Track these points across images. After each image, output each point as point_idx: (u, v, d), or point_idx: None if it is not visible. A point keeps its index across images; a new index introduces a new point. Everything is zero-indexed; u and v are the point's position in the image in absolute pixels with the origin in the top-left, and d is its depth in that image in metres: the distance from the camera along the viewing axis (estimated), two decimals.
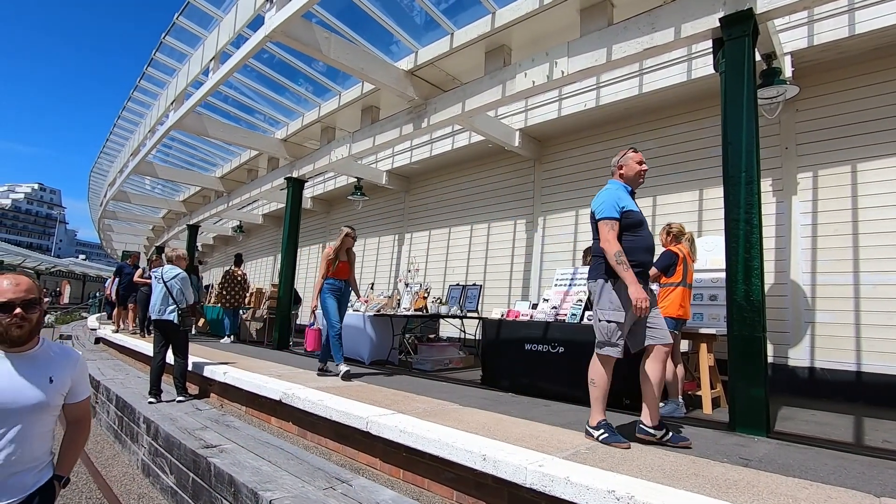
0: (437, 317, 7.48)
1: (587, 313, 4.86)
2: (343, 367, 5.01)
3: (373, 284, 10.25)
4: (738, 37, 3.68)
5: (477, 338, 7.47)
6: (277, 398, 4.16)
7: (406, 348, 7.51)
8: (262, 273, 16.46)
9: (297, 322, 11.01)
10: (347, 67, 5.67)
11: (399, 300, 7.75)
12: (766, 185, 5.48)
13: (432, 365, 6.64)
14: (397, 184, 10.51)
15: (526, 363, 4.98)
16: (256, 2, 5.26)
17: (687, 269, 4.15)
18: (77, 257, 68.85)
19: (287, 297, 8.66)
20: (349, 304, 8.31)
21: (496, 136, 7.37)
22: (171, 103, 8.04)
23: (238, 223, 16.19)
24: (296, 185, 9.09)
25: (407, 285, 7.55)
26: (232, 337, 9.22)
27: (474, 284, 7.95)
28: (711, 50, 4.14)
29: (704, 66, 5.66)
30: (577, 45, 4.78)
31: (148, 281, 8.14)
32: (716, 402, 4.48)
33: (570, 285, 5.31)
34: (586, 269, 5.28)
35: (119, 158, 13.30)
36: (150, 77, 8.86)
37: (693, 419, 3.89)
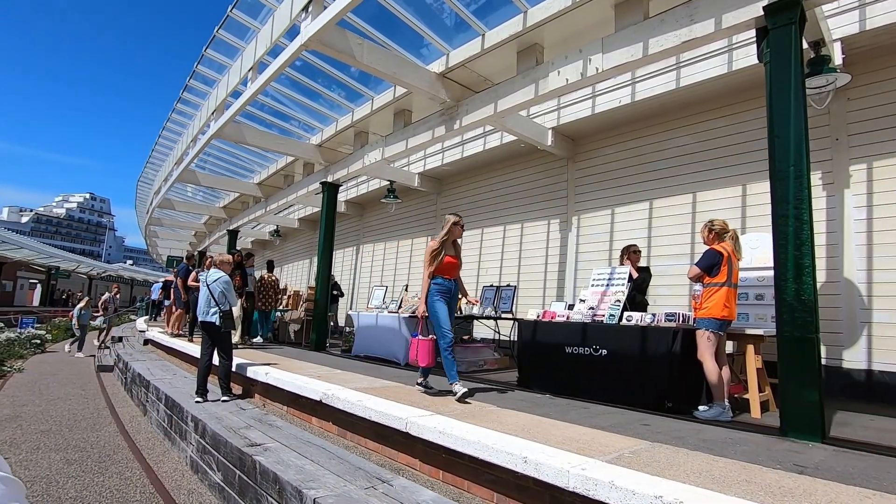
0: (472, 318, 7.47)
1: (626, 314, 4.77)
2: (460, 388, 4.09)
3: (407, 286, 10.32)
4: (784, 25, 3.53)
5: (511, 339, 7.43)
6: (318, 398, 4.25)
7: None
8: (298, 276, 16.85)
9: (332, 324, 11.22)
10: (380, 72, 5.75)
11: None
12: (815, 178, 5.23)
13: (467, 366, 6.63)
14: (429, 186, 10.57)
15: (563, 365, 4.91)
16: (292, 12, 5.40)
17: (732, 269, 4.00)
18: (125, 262, 72.25)
19: (324, 299, 8.83)
20: (384, 306, 8.42)
21: (528, 135, 7.31)
22: (212, 113, 8.34)
23: (275, 227, 16.63)
24: (331, 190, 9.27)
25: None
26: (262, 338, 9.47)
27: (508, 285, 7.90)
28: (755, 39, 3.98)
29: (746, 57, 5.45)
30: (612, 41, 4.69)
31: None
32: (764, 406, 4.30)
33: (607, 285, 5.22)
34: (624, 269, 5.20)
35: (164, 167, 13.89)
36: (192, 89, 9.22)
37: (740, 423, 3.74)
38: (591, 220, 7.67)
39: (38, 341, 13.91)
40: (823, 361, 4.90)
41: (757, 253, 4.99)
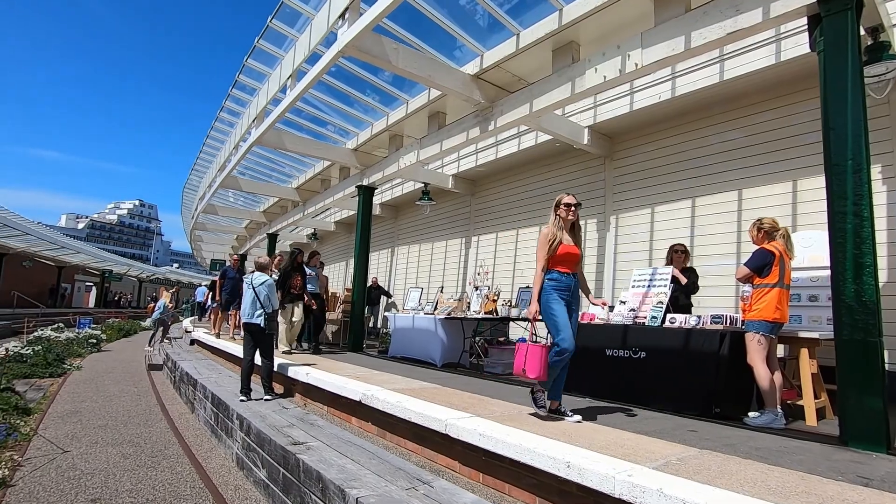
0: (508, 320, 7.42)
1: (668, 316, 4.63)
2: (571, 415, 3.54)
3: (442, 288, 10.36)
4: (839, 11, 3.34)
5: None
6: (357, 399, 4.31)
7: (477, 351, 7.51)
8: (335, 278, 17.17)
9: (369, 325, 11.38)
10: (416, 76, 5.80)
11: (469, 303, 7.77)
12: (875, 172, 4.92)
13: (503, 368, 6.59)
14: (463, 187, 10.57)
15: (603, 368, 4.81)
16: (329, 19, 5.52)
17: (784, 269, 3.82)
18: (172, 266, 75.55)
19: (361, 301, 8.96)
20: (420, 308, 8.47)
21: (564, 134, 7.21)
22: (253, 121, 8.62)
23: (312, 230, 17.02)
24: (366, 193, 9.41)
25: (476, 288, 7.55)
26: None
27: None
28: (806, 28, 3.79)
29: (796, 47, 5.20)
30: (652, 35, 4.56)
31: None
32: (820, 414, 4.09)
33: (648, 286, 5.07)
34: (667, 269, 5.04)
35: (207, 174, 14.44)
36: (234, 98, 9.55)
37: (795, 431, 3.57)
38: (630, 219, 7.48)
39: (94, 341, 14.69)
40: (887, 367, 4.59)
41: (810, 252, 4.75)
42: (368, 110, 8.95)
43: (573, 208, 3.66)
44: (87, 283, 45.30)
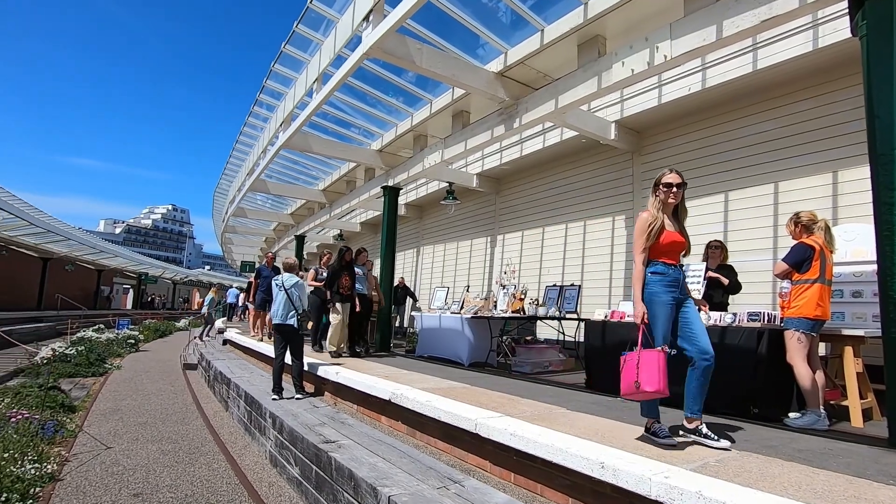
0: (535, 318, 7.36)
1: (702, 314, 4.49)
2: (716, 439, 2.80)
3: (468, 287, 10.35)
4: None
5: (577, 340, 7.25)
6: (387, 398, 4.34)
7: (504, 350, 7.48)
8: None
9: (396, 324, 11.45)
10: (439, 75, 5.80)
11: (495, 302, 7.74)
12: None
13: (531, 367, 6.54)
14: (488, 186, 10.53)
15: None
16: (354, 22, 5.57)
17: (825, 264, 3.67)
18: (204, 268, 77.72)
19: (387, 300, 9.03)
20: (446, 307, 8.47)
21: (590, 130, 7.10)
22: (281, 125, 8.78)
23: (339, 232, 17.24)
24: (391, 194, 9.47)
25: (503, 287, 7.52)
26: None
27: (572, 285, 7.71)
28: (846, 12, 3.62)
29: (834, 32, 5.00)
30: (682, 26, 4.45)
31: (319, 284, 7.44)
32: (867, 415, 3.91)
33: None
34: (700, 266, 4.90)
35: (237, 178, 14.79)
36: (261, 103, 9.76)
37: (840, 433, 3.42)
38: None
39: (133, 341, 15.23)
40: None
41: (853, 245, 4.55)
42: (392, 111, 9.01)
43: (675, 189, 3.02)
44: (125, 286, 47.01)
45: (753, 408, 3.87)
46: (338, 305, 6.96)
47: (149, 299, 47.58)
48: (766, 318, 4.12)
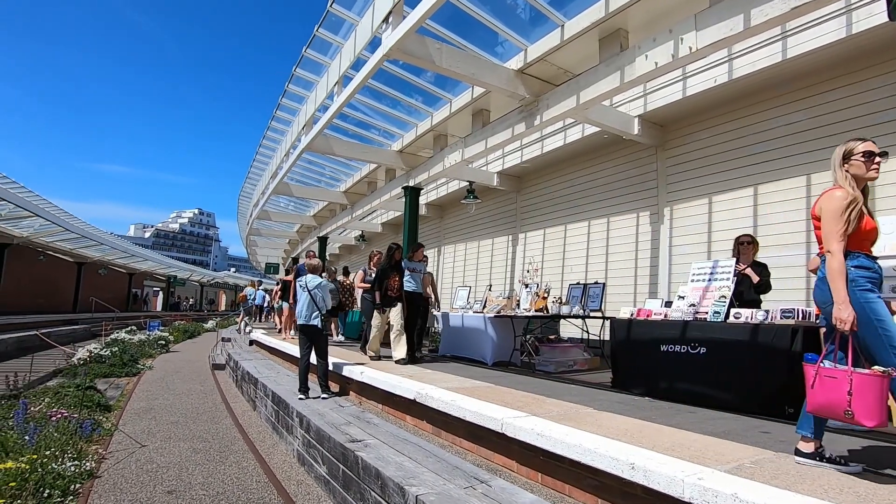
0: (559, 317, 7.29)
1: (732, 311, 4.39)
2: (848, 465, 2.39)
3: (490, 286, 10.31)
4: None
5: (602, 338, 7.15)
6: (411, 397, 4.36)
7: (528, 350, 7.43)
8: None
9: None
10: (459, 74, 5.79)
11: (518, 301, 7.69)
12: None
13: (555, 366, 6.47)
14: (508, 184, 10.48)
15: (663, 366, 4.62)
16: (374, 24, 5.61)
17: None
18: (229, 270, 79.41)
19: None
20: (468, 306, 8.45)
21: (613, 125, 7.00)
22: (303, 128, 8.91)
23: (360, 233, 17.39)
24: (412, 194, 9.51)
25: (526, 286, 7.46)
26: (343, 337, 9.85)
27: (596, 283, 7.62)
28: None
29: (869, 17, 4.81)
30: (707, 16, 4.34)
31: (367, 286, 7.22)
32: None
33: (709, 280, 4.82)
34: (730, 262, 4.78)
35: (261, 181, 15.07)
36: (284, 107, 9.91)
37: (882, 433, 3.28)
38: (686, 210, 7.17)
39: (163, 342, 15.66)
40: None
41: (891, 239, 4.36)
42: (412, 111, 9.05)
43: (878, 159, 2.46)
44: (155, 288, 48.37)
45: (788, 408, 3.74)
46: (387, 309, 6.64)
47: (176, 301, 48.81)
48: (801, 314, 3.99)
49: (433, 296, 7.70)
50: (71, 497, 3.61)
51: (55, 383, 7.70)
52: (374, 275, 7.12)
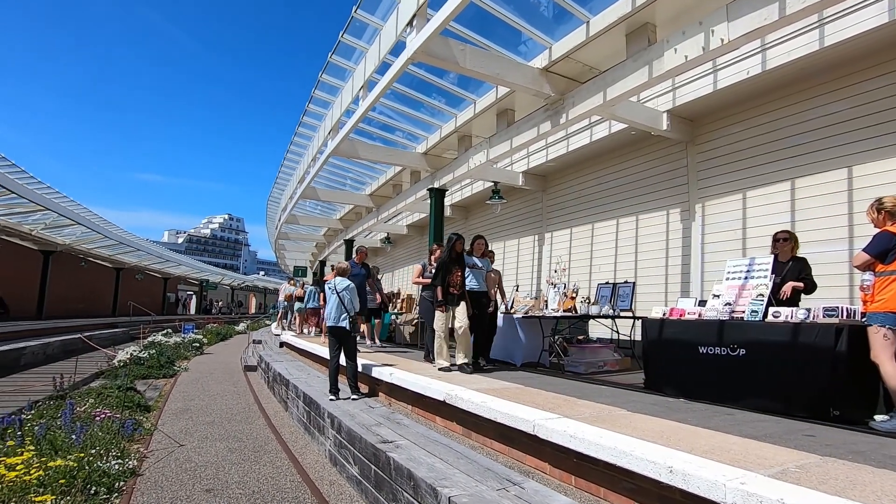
0: (588, 317, 7.18)
1: (771, 309, 4.24)
2: None
3: (517, 286, 10.24)
4: None
5: (632, 338, 7.02)
6: (441, 399, 4.36)
7: (557, 350, 7.35)
8: (408, 280, 17.55)
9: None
10: (484, 75, 5.78)
11: (546, 301, 7.62)
12: None
13: (585, 367, 6.38)
14: (534, 184, 10.40)
15: (698, 367, 4.51)
16: (398, 28, 5.65)
17: None
18: (259, 274, 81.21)
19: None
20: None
21: (640, 121, 6.86)
22: (329, 133, 9.04)
23: (386, 235, 17.54)
24: (437, 195, 9.53)
25: (554, 286, 7.38)
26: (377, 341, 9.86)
27: (626, 282, 7.48)
28: None
29: None
30: (739, 6, 4.21)
31: (425, 281, 6.68)
32: None
33: (746, 278, 4.68)
34: (768, 259, 4.63)
35: (288, 186, 15.36)
36: (310, 112, 10.09)
37: None
38: (719, 206, 6.97)
39: (198, 345, 16.13)
40: None
41: None
42: (436, 113, 9.07)
43: None
44: (189, 292, 49.82)
45: (833, 410, 3.60)
46: (446, 307, 5.90)
47: (207, 304, 50.09)
48: (845, 313, 3.83)
49: (498, 298, 6.79)
50: (116, 494, 3.75)
51: (98, 384, 8.02)
52: (433, 270, 6.54)
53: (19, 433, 4.46)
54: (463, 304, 5.93)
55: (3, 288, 19.81)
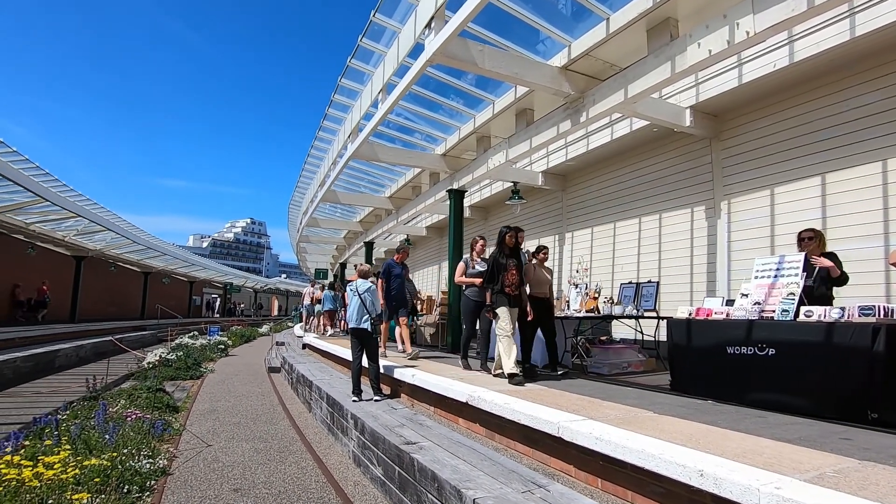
0: (611, 318, 7.08)
1: (802, 308, 4.11)
2: None
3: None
4: None
5: (657, 339, 6.89)
6: (464, 400, 4.35)
7: (579, 351, 7.26)
8: (428, 281, 17.60)
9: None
10: (502, 75, 5.77)
11: (567, 301, 7.54)
12: None
13: (609, 368, 6.30)
14: (553, 183, 10.32)
15: (726, 368, 4.40)
16: (416, 31, 5.68)
17: None
18: (281, 276, 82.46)
19: (457, 302, 9.08)
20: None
21: (663, 118, 6.75)
22: (348, 136, 9.13)
23: (405, 237, 17.61)
24: (457, 196, 9.53)
25: (575, 286, 7.30)
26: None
27: (649, 281, 7.36)
28: None
29: None
30: None
31: (471, 281, 6.10)
32: None
33: (775, 276, 4.55)
34: (798, 256, 4.49)
35: (309, 190, 15.56)
36: (330, 117, 10.20)
37: None
38: (745, 203, 6.80)
39: (223, 346, 16.44)
40: None
41: None
42: (454, 114, 9.08)
43: None
44: (213, 295, 50.86)
45: (871, 412, 3.47)
46: (503, 311, 5.13)
47: (230, 307, 50.97)
48: (882, 311, 3.69)
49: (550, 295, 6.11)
50: (148, 493, 3.85)
51: (128, 385, 8.23)
52: (476, 266, 5.99)
53: (56, 433, 4.61)
54: (517, 307, 5.29)
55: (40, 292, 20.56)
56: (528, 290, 5.66)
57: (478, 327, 6.32)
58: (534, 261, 6.09)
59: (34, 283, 20.09)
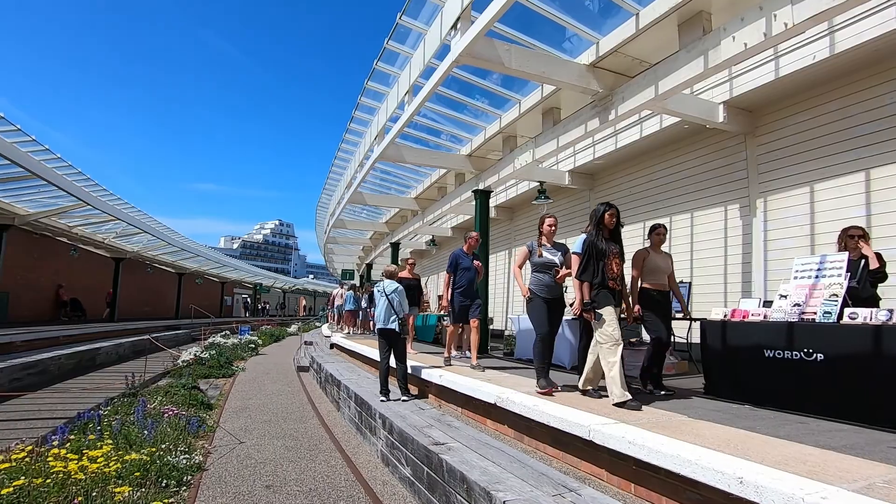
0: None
1: (847, 310, 3.94)
2: None
3: (566, 287, 10.05)
4: None
5: (689, 341, 6.71)
6: (492, 401, 4.34)
7: None
8: None
9: (490, 327, 11.42)
10: (529, 74, 5.72)
11: None
12: None
13: (638, 371, 6.16)
14: (580, 183, 10.18)
15: (764, 371, 4.26)
16: (442, 32, 5.69)
17: None
18: (308, 277, 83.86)
19: (483, 303, 9.04)
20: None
21: (694, 114, 6.57)
22: (375, 138, 9.21)
23: (431, 237, 17.67)
24: (483, 197, 9.50)
25: None
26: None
27: (682, 282, 7.17)
28: None
29: None
30: None
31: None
32: None
33: (816, 277, 4.38)
34: (840, 256, 4.31)
35: (336, 192, 15.77)
36: (357, 119, 10.32)
37: None
38: (783, 201, 6.57)
39: (253, 346, 16.82)
40: None
41: None
42: (479, 115, 9.06)
43: None
44: (243, 296, 52.14)
45: None
46: (608, 312, 4.14)
47: (259, 307, 52.10)
48: None
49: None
50: (184, 487, 3.96)
51: (165, 383, 8.51)
52: (545, 254, 4.95)
53: (98, 427, 4.80)
54: (619, 305, 4.41)
55: (84, 293, 21.50)
56: (638, 282, 4.86)
57: (563, 332, 5.09)
58: (647, 244, 5.08)
59: (77, 284, 21.01)
